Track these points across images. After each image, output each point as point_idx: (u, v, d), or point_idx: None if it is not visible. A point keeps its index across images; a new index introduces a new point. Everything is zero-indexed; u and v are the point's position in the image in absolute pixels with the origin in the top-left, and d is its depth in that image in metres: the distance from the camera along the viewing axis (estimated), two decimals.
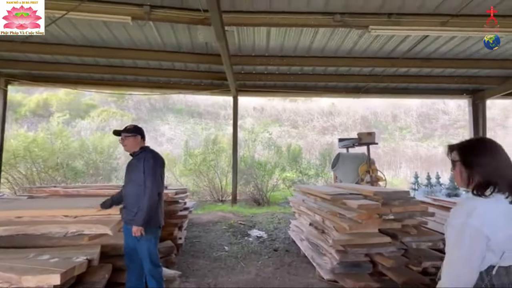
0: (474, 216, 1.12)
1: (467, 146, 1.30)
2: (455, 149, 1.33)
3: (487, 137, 1.36)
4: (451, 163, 1.34)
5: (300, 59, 6.56)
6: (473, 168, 1.24)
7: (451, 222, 1.19)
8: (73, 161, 9.21)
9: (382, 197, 3.36)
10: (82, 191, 4.17)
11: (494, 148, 1.26)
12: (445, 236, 1.21)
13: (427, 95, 8.72)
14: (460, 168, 1.28)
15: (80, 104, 20.05)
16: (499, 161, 1.23)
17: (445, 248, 1.20)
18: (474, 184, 1.24)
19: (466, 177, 1.26)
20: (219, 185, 9.23)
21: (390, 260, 2.98)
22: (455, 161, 1.31)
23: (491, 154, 1.25)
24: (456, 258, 1.13)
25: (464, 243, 1.10)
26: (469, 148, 1.29)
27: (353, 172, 6.85)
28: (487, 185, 1.20)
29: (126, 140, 2.58)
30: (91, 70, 7.09)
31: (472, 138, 1.39)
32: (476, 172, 1.23)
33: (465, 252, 1.10)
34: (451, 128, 22.32)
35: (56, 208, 2.85)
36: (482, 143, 1.30)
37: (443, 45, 5.90)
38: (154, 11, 4.49)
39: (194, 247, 4.48)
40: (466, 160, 1.26)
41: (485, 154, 1.25)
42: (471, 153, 1.27)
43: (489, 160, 1.23)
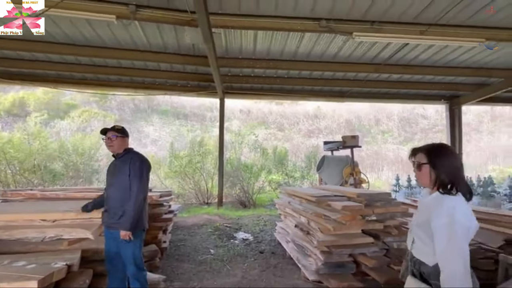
0: (458, 212, 1.31)
1: (434, 150, 1.45)
2: (420, 152, 1.47)
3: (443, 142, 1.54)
4: (415, 165, 1.48)
5: (286, 63, 6.65)
6: (440, 170, 1.40)
7: (439, 222, 1.33)
8: (51, 163, 8.83)
9: (365, 198, 3.46)
10: (61, 194, 4.01)
11: (454, 152, 1.47)
12: (435, 234, 1.34)
13: (407, 100, 9.06)
14: (428, 170, 1.43)
15: (59, 103, 19.30)
16: (459, 163, 1.43)
17: (436, 245, 1.34)
18: (440, 184, 1.41)
19: (434, 178, 1.41)
20: (204, 187, 9.14)
21: (372, 260, 3.06)
22: (422, 163, 1.44)
23: (454, 157, 1.44)
24: (455, 252, 1.28)
25: (458, 238, 1.28)
26: (436, 152, 1.44)
27: (337, 175, 6.99)
28: (452, 184, 1.38)
29: (114, 140, 2.50)
30: (72, 69, 6.86)
31: (433, 143, 1.51)
32: (443, 173, 1.39)
33: (461, 245, 1.28)
34: (430, 132, 23.25)
35: (33, 212, 2.72)
36: (446, 147, 1.47)
37: (422, 52, 6.17)
38: (140, 10, 4.42)
39: (179, 251, 4.41)
40: (434, 162, 1.41)
41: (449, 157, 1.42)
42: (438, 156, 1.42)
43: (452, 162, 1.41)
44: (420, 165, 1.46)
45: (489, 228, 3.54)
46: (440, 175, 1.40)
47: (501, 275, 2.43)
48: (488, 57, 6.41)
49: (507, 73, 7.05)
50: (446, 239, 1.30)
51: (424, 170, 1.44)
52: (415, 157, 1.51)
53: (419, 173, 1.48)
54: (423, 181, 1.48)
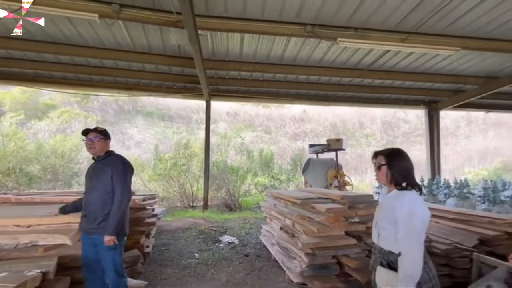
0: (417, 206, 1.55)
1: (391, 154, 1.72)
2: (381, 155, 1.73)
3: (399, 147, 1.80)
4: (376, 166, 1.75)
5: (272, 66, 6.71)
6: (395, 170, 1.67)
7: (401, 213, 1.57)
8: (27, 166, 8.43)
9: (348, 200, 3.52)
10: (37, 198, 3.83)
11: (407, 156, 1.72)
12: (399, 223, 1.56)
13: (389, 104, 9.36)
14: (385, 170, 1.69)
15: (37, 103, 18.50)
16: (410, 165, 1.70)
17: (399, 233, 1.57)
18: (395, 182, 1.67)
19: (390, 177, 1.68)
20: (190, 190, 9.02)
21: (355, 261, 3.12)
22: (382, 164, 1.70)
23: (407, 160, 1.70)
24: (413, 241, 1.51)
25: (417, 228, 1.52)
26: (393, 155, 1.71)
27: (322, 177, 7.09)
28: (406, 183, 1.65)
29: (96, 142, 2.42)
30: (52, 67, 6.61)
31: (391, 148, 1.78)
32: (397, 173, 1.67)
33: (418, 234, 1.52)
34: (411, 135, 24.09)
35: (6, 217, 2.58)
36: (401, 152, 1.73)
37: (402, 59, 6.41)
38: (124, 10, 4.34)
39: (163, 255, 4.31)
40: (391, 164, 1.68)
41: (403, 160, 1.69)
42: (394, 159, 1.69)
43: (405, 164, 1.69)
44: (380, 166, 1.71)
45: (464, 228, 3.70)
46: (395, 174, 1.67)
47: (475, 274, 2.54)
48: (464, 65, 6.74)
49: (480, 80, 7.45)
50: (407, 229, 1.53)
51: (383, 170, 1.70)
52: (376, 159, 1.75)
53: (378, 173, 1.73)
54: (381, 180, 1.74)
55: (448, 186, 7.07)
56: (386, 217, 1.67)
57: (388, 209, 1.66)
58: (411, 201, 1.58)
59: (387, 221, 1.65)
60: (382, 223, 1.69)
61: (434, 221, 4.22)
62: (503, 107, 9.49)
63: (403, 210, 1.56)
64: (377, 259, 1.72)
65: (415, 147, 22.37)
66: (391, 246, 1.62)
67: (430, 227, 3.98)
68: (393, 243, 1.61)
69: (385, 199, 1.74)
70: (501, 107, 9.51)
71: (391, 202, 1.66)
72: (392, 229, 1.61)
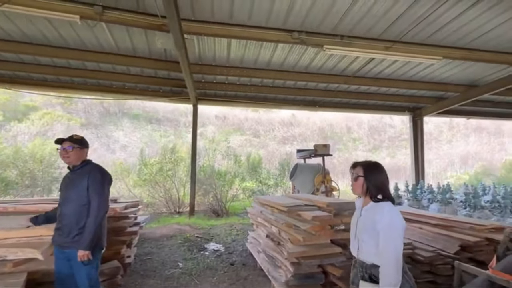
0: (395, 216, 1.58)
1: (369, 167, 1.75)
2: (359, 166, 1.75)
3: (377, 161, 1.84)
4: (353, 177, 1.77)
5: (260, 72, 6.70)
6: (371, 182, 1.70)
7: (382, 224, 1.57)
8: (3, 171, 8.04)
9: (334, 208, 3.50)
10: (10, 208, 3.62)
11: (384, 170, 1.76)
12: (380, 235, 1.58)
13: (375, 110, 9.52)
14: (362, 181, 1.72)
15: (17, 105, 17.81)
16: (385, 179, 1.74)
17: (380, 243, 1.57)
18: (370, 193, 1.70)
19: (366, 188, 1.71)
20: (176, 196, 8.84)
21: (340, 270, 3.09)
22: (359, 175, 1.73)
23: (383, 173, 1.74)
24: (391, 250, 1.53)
25: (396, 238, 1.54)
26: (370, 168, 1.74)
27: (309, 182, 7.10)
28: (381, 194, 1.68)
29: (72, 151, 2.28)
30: (31, 69, 6.35)
31: (370, 160, 1.82)
32: (373, 185, 1.70)
33: (397, 243, 1.54)
34: (396, 140, 24.67)
35: None
36: (378, 165, 1.77)
37: (387, 67, 6.54)
38: (106, 12, 4.21)
39: (145, 265, 4.17)
40: (368, 176, 1.71)
41: (379, 173, 1.73)
42: (372, 172, 1.73)
43: (382, 178, 1.72)
44: (357, 177, 1.74)
45: (447, 234, 3.76)
46: (370, 186, 1.70)
47: (457, 282, 2.57)
48: (446, 74, 6.95)
49: (462, 88, 7.70)
50: (388, 240, 1.55)
51: (359, 181, 1.73)
52: (354, 169, 1.78)
53: (355, 183, 1.76)
54: (357, 190, 1.76)
55: (432, 191, 7.23)
56: (366, 230, 1.65)
57: (368, 221, 1.66)
58: (391, 212, 1.60)
59: (367, 234, 1.64)
60: (362, 235, 1.68)
61: (417, 226, 4.28)
62: (483, 114, 9.85)
63: (384, 221, 1.57)
64: (358, 273, 1.70)
65: (401, 151, 22.93)
66: (373, 258, 1.61)
67: (414, 233, 4.03)
68: (375, 255, 1.60)
69: (363, 211, 1.74)
70: (481, 114, 9.87)
71: (369, 215, 1.66)
72: (373, 242, 1.61)
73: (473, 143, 23.93)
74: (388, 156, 22.64)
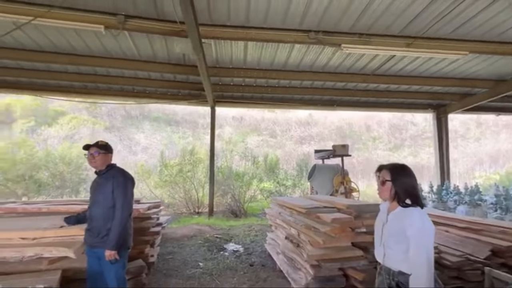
0: (426, 222, 1.53)
1: (396, 170, 1.67)
2: (386, 170, 1.68)
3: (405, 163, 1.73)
4: (380, 180, 1.69)
5: (277, 73, 6.71)
6: (400, 187, 1.62)
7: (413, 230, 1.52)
8: (37, 173, 8.57)
9: (354, 210, 3.45)
10: (44, 208, 3.87)
11: (411, 172, 1.68)
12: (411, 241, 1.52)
13: (395, 109, 9.23)
14: (390, 185, 1.64)
15: (47, 110, 18.86)
16: (415, 182, 1.66)
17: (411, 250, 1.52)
18: (398, 198, 1.63)
19: (394, 193, 1.64)
20: (195, 196, 9.02)
21: (362, 273, 3.04)
22: (386, 180, 1.66)
23: (411, 176, 1.66)
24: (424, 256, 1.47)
25: (428, 244, 1.49)
26: (398, 171, 1.66)
27: (328, 183, 7.01)
28: (410, 200, 1.60)
29: (97, 156, 2.43)
30: (59, 77, 6.74)
31: (396, 163, 1.74)
32: (402, 189, 1.62)
33: (430, 244, 1.50)
34: (419, 138, 23.72)
35: (12, 230, 2.61)
36: (406, 168, 1.69)
37: (408, 64, 6.32)
38: (128, 21, 4.40)
39: (167, 265, 4.30)
40: (396, 180, 1.64)
41: (408, 177, 1.65)
42: (399, 175, 1.65)
43: (411, 181, 1.65)
44: (384, 181, 1.66)
45: (476, 238, 3.58)
46: (399, 191, 1.63)
47: None
48: (472, 69, 6.61)
49: (490, 83, 7.29)
50: (419, 247, 1.49)
51: (387, 186, 1.66)
52: (380, 173, 1.70)
53: (382, 188, 1.69)
54: (384, 195, 1.69)
55: (458, 192, 6.90)
56: (393, 236, 1.60)
57: (396, 227, 1.60)
58: (422, 218, 1.54)
59: (395, 240, 1.59)
60: (389, 242, 1.62)
61: (443, 229, 4.10)
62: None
63: (415, 228, 1.51)
64: (384, 280, 1.65)
65: (424, 150, 22.01)
66: (401, 266, 1.56)
67: (440, 237, 3.87)
68: (403, 262, 1.55)
69: (390, 216, 1.67)
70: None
71: (398, 220, 1.60)
72: (401, 248, 1.55)
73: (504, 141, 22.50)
74: (410, 155, 21.81)
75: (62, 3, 3.69)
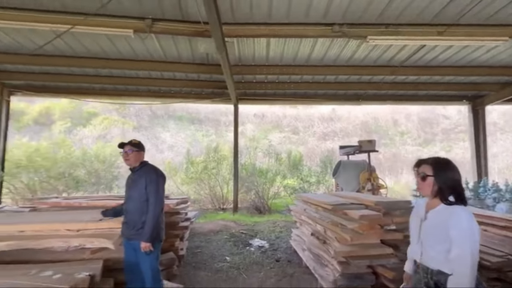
0: (473, 221, 1.44)
1: (439, 164, 1.56)
2: (426, 164, 1.58)
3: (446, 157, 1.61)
4: (419, 176, 1.58)
5: (299, 68, 6.63)
6: (443, 182, 1.52)
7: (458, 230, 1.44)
8: (75, 170, 9.23)
9: (383, 207, 3.36)
10: (84, 203, 4.18)
11: (455, 166, 1.57)
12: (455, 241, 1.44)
13: (426, 101, 8.75)
14: (431, 181, 1.54)
15: (81, 112, 20.15)
16: (459, 177, 1.55)
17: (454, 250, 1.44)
18: (441, 195, 1.52)
19: (436, 189, 1.53)
20: (220, 193, 9.22)
21: (392, 272, 2.96)
22: (428, 175, 1.55)
23: (455, 171, 1.55)
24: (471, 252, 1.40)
25: (476, 240, 1.41)
26: (441, 166, 1.55)
27: (354, 180, 6.85)
28: (454, 196, 1.51)
29: (131, 154, 2.59)
30: (92, 80, 7.17)
31: (438, 157, 1.62)
32: (445, 185, 1.52)
33: (477, 246, 1.42)
34: (452, 132, 22.31)
35: (59, 222, 2.85)
36: (450, 162, 1.58)
37: (441, 53, 5.96)
38: (155, 24, 4.57)
39: (196, 258, 4.46)
40: (439, 175, 1.53)
41: (452, 172, 1.55)
42: (442, 170, 1.54)
43: (454, 177, 1.54)
44: (425, 177, 1.56)
45: None
46: (443, 187, 1.52)
47: None
48: None
49: None
50: (465, 248, 1.40)
51: (428, 181, 1.55)
52: (419, 168, 1.61)
53: (422, 184, 1.58)
54: (425, 191, 1.59)
55: (498, 189, 6.43)
56: (434, 235, 1.52)
57: (437, 225, 1.52)
58: (468, 217, 1.44)
59: (435, 239, 1.51)
60: (427, 240, 1.55)
61: (482, 228, 3.86)
62: None
63: (461, 227, 1.42)
64: (422, 279, 1.59)
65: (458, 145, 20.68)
66: (440, 265, 1.50)
67: None
68: (443, 262, 1.48)
69: (430, 213, 1.58)
70: None
71: (440, 218, 1.51)
72: (441, 248, 1.48)
73: None
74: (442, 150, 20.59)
75: (96, 11, 3.91)
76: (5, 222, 2.97)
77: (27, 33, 5.02)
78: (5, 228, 2.78)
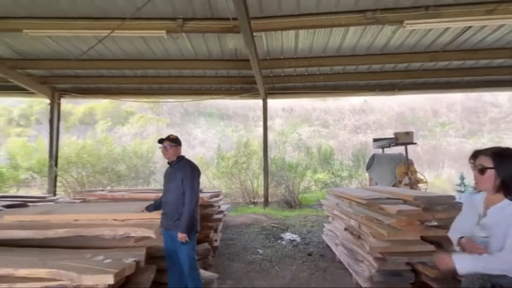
0: None
1: (500, 155, 1.37)
2: (484, 155, 1.41)
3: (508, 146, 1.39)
4: (477, 168, 1.42)
5: (329, 59, 6.44)
6: (507, 175, 1.34)
7: None
8: (116, 166, 9.95)
9: (423, 202, 3.18)
10: (126, 195, 4.51)
11: None
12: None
13: (472, 88, 8.01)
14: (492, 174, 1.37)
15: (120, 111, 21.57)
16: None
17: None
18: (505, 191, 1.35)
19: (498, 184, 1.36)
20: (250, 187, 9.35)
21: (434, 270, 2.80)
22: (487, 167, 1.37)
23: None
24: None
25: None
26: (503, 157, 1.37)
27: (389, 174, 6.53)
28: None
29: (169, 149, 2.75)
30: (130, 81, 7.64)
31: (499, 147, 1.43)
32: (510, 179, 1.34)
33: None
34: (502, 122, 20.20)
35: (107, 212, 3.12)
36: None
37: (489, 35, 5.40)
38: (186, 23, 4.72)
39: (229, 250, 4.60)
40: (501, 168, 1.35)
41: None
42: (505, 162, 1.36)
43: None
44: (484, 169, 1.39)
45: None
46: (507, 181, 1.35)
47: None
48: None
49: None
50: None
51: (488, 174, 1.38)
52: (476, 159, 1.44)
53: (481, 177, 1.42)
54: (484, 186, 1.42)
55: None
56: (494, 233, 1.38)
57: (499, 223, 1.37)
58: None
59: (495, 238, 1.38)
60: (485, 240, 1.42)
61: None
62: None
63: None
64: (475, 280, 1.44)
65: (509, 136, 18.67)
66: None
67: None
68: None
69: (490, 210, 1.43)
70: None
71: (502, 216, 1.37)
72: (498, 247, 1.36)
73: None
74: (491, 141, 18.74)
75: (132, 15, 4.14)
76: (62, 211, 3.32)
77: (73, 40, 5.47)
78: (63, 217, 3.11)
